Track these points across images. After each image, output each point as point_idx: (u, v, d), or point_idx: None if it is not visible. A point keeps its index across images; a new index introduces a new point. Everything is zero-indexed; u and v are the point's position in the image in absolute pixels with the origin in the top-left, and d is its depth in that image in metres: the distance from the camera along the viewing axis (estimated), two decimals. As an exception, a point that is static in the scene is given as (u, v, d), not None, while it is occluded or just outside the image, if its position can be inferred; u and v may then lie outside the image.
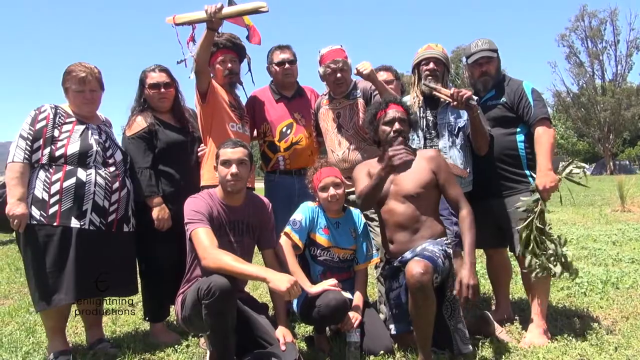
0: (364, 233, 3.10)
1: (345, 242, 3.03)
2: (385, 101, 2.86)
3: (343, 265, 3.05)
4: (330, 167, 3.03)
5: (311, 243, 3.00)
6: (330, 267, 3.01)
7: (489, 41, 3.27)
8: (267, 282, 2.41)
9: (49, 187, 2.73)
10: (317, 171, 3.00)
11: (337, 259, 3.01)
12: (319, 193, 2.99)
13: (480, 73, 3.24)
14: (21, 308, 4.03)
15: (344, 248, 3.02)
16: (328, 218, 3.03)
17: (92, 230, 2.78)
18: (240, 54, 3.49)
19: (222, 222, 2.72)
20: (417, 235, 2.75)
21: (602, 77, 46.30)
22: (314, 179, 3.01)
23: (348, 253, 3.04)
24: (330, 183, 2.94)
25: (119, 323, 3.62)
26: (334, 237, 3.01)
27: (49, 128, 2.79)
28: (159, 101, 3.21)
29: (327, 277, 2.91)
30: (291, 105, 3.59)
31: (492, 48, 3.24)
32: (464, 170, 3.15)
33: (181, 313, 2.62)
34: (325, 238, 3.00)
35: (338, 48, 3.30)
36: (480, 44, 3.26)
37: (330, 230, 3.01)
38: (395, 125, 2.76)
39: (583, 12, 45.14)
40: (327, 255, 3.00)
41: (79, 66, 2.89)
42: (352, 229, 3.07)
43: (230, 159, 2.70)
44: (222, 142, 2.83)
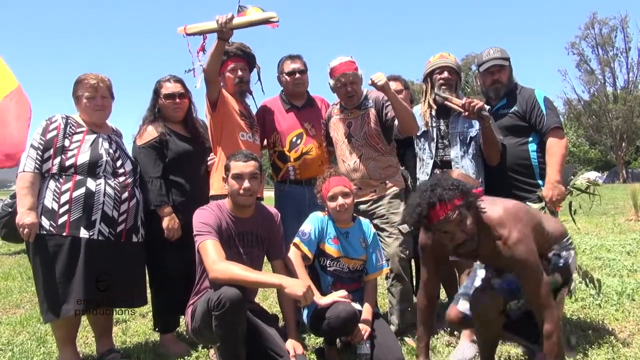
0: (373, 243, 3.06)
1: (355, 252, 3.00)
2: None
3: (353, 276, 3.01)
4: (339, 177, 3.00)
5: (320, 253, 2.98)
6: (340, 277, 2.98)
7: (501, 50, 3.26)
8: (282, 288, 2.43)
9: (58, 197, 2.74)
10: (326, 181, 2.97)
11: (347, 269, 2.98)
12: (327, 202, 2.96)
13: (491, 81, 3.23)
14: (32, 317, 4.03)
15: (354, 258, 2.99)
16: (337, 228, 3.00)
17: (101, 241, 2.77)
18: (250, 63, 3.49)
19: (231, 233, 2.71)
20: None
21: (614, 85, 45.90)
22: (322, 189, 2.98)
23: (358, 263, 3.01)
24: (339, 192, 2.91)
25: (129, 333, 3.61)
26: (343, 247, 2.98)
27: (59, 138, 2.81)
28: (174, 111, 3.23)
29: (337, 288, 2.87)
30: (301, 115, 3.58)
31: (504, 56, 3.23)
32: (475, 180, 3.12)
33: (191, 324, 2.61)
34: (334, 248, 2.97)
35: (348, 60, 3.28)
36: (492, 52, 3.25)
37: (339, 240, 2.98)
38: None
39: (593, 19, 44.86)
40: (337, 265, 2.97)
41: (90, 75, 2.92)
42: (361, 239, 3.04)
43: (242, 173, 2.69)
44: (233, 154, 2.81)
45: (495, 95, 3.22)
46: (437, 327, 3.30)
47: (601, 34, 44.77)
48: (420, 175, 3.31)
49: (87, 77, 2.91)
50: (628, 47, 44.41)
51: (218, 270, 2.44)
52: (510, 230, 2.21)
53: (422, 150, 3.30)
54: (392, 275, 3.22)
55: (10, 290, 5.23)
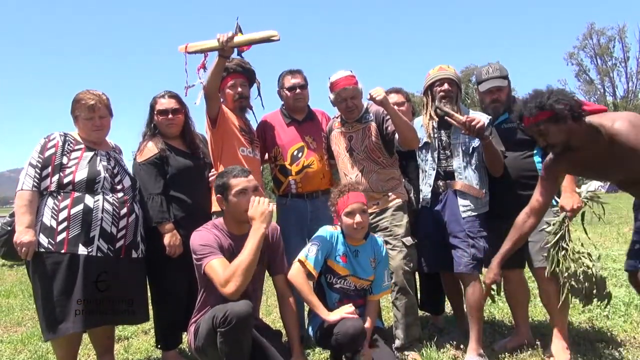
0: (384, 262, 2.98)
1: (364, 272, 2.91)
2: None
3: (359, 293, 2.95)
4: (358, 192, 2.89)
5: (327, 270, 2.90)
6: (347, 294, 2.92)
7: (500, 67, 3.29)
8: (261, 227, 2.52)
9: (57, 214, 2.72)
10: (344, 195, 2.85)
11: (354, 287, 2.92)
12: (343, 218, 2.84)
13: (491, 100, 3.25)
14: (34, 336, 4.00)
15: (362, 278, 2.91)
16: (348, 245, 2.91)
17: (99, 257, 2.75)
18: (250, 78, 3.50)
19: (232, 252, 2.66)
20: None
21: (614, 94, 46.05)
22: (339, 203, 2.86)
23: (365, 284, 2.94)
24: (357, 209, 2.80)
25: (131, 351, 3.58)
26: (352, 266, 2.90)
27: (57, 155, 2.80)
28: (167, 127, 3.22)
29: (344, 304, 2.80)
30: (302, 129, 3.58)
31: (503, 75, 3.25)
32: (480, 190, 3.10)
33: (194, 342, 2.57)
34: (342, 266, 2.89)
35: (348, 74, 3.27)
36: (491, 71, 3.28)
37: (348, 258, 2.90)
38: None
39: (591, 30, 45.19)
40: (344, 283, 2.91)
41: (88, 94, 2.90)
42: (371, 259, 2.95)
43: (247, 188, 2.65)
44: (226, 172, 2.73)
45: (494, 114, 3.23)
46: (443, 341, 3.26)
47: (599, 44, 45.05)
48: (423, 186, 3.29)
49: (85, 96, 2.89)
50: (627, 57, 44.67)
51: (231, 282, 2.42)
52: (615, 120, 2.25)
53: (425, 162, 3.28)
54: (396, 289, 3.18)
55: (12, 308, 5.20)
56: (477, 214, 3.10)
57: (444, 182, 3.18)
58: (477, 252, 3.02)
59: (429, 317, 3.86)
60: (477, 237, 3.05)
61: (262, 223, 2.52)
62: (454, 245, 3.09)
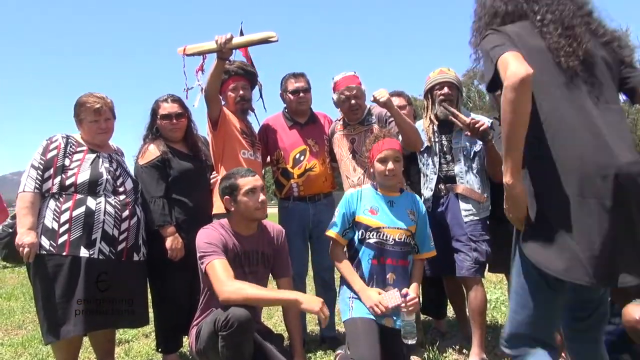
0: (425, 219, 2.89)
1: (401, 222, 2.79)
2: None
3: (398, 250, 2.78)
4: (393, 139, 2.82)
5: (359, 226, 2.80)
6: (383, 250, 2.76)
7: None
8: (299, 304, 2.43)
9: (58, 216, 2.72)
10: (379, 140, 2.78)
11: (392, 240, 2.77)
12: (376, 164, 2.77)
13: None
14: (34, 339, 3.99)
15: (399, 228, 2.77)
16: (382, 196, 2.83)
17: (101, 260, 2.74)
18: (251, 81, 3.49)
19: (236, 252, 2.67)
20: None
21: (616, 98, 46.02)
22: (373, 148, 2.79)
23: (404, 234, 2.78)
24: (391, 156, 2.73)
25: (132, 354, 3.56)
26: (386, 216, 2.78)
27: (59, 157, 2.80)
28: (171, 132, 3.21)
29: (380, 263, 2.73)
30: (304, 132, 3.57)
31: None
32: (481, 195, 3.09)
33: (195, 345, 2.56)
34: (372, 218, 2.78)
35: (352, 75, 3.29)
36: None
37: (380, 211, 2.80)
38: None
39: (594, 33, 45.16)
40: (379, 237, 2.76)
41: (92, 97, 2.90)
42: (409, 211, 2.84)
43: (255, 187, 2.66)
44: (232, 173, 2.75)
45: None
46: (445, 346, 3.25)
47: (602, 47, 44.99)
48: (425, 190, 3.28)
49: (89, 100, 2.89)
50: (630, 60, 44.59)
51: (230, 292, 2.41)
52: None
53: (426, 166, 3.27)
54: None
55: (13, 311, 5.19)
56: (479, 218, 3.09)
57: (445, 186, 3.16)
58: (480, 256, 3.00)
59: (432, 321, 3.84)
60: (480, 240, 3.04)
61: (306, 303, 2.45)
62: (457, 249, 3.07)
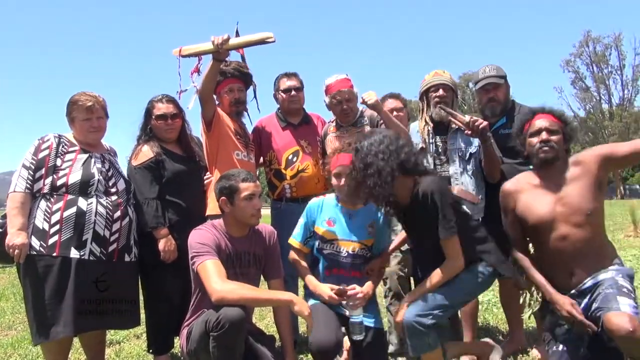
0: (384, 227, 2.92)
1: (355, 235, 2.83)
2: (532, 111, 2.65)
3: (353, 261, 2.83)
4: (348, 154, 2.80)
5: (315, 236, 2.89)
6: (337, 262, 2.83)
7: (497, 67, 3.27)
8: (293, 305, 2.47)
9: (49, 216, 2.69)
10: (335, 155, 2.84)
11: (345, 252, 2.82)
12: (332, 178, 2.83)
13: (487, 99, 3.24)
14: (24, 339, 3.96)
15: (353, 241, 2.82)
16: (341, 208, 2.88)
17: (92, 261, 2.72)
18: (247, 82, 3.49)
19: (228, 254, 2.66)
20: (599, 259, 2.39)
21: (609, 102, 46.38)
22: (331, 162, 2.85)
23: (358, 247, 2.82)
24: (344, 172, 2.75)
25: (123, 355, 3.55)
26: (342, 229, 2.83)
27: (51, 157, 2.77)
28: (166, 132, 3.18)
29: (332, 273, 2.81)
30: (297, 133, 3.57)
31: (500, 74, 3.23)
32: (475, 196, 3.09)
33: (187, 346, 2.55)
34: (327, 230, 2.84)
35: (343, 78, 3.29)
36: (487, 70, 3.26)
37: (337, 222, 2.85)
38: (542, 136, 2.52)
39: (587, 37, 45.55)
40: (332, 248, 2.84)
41: (84, 95, 2.87)
42: (369, 224, 2.86)
43: (255, 193, 2.64)
44: (231, 175, 2.70)
45: (492, 113, 3.22)
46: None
47: (595, 51, 45.42)
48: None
49: (81, 97, 2.86)
50: (622, 65, 45.10)
51: (223, 292, 2.39)
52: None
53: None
54: (390, 294, 3.16)
55: (3, 312, 5.16)
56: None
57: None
58: (472, 258, 3.00)
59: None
60: (473, 242, 3.04)
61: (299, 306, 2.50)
62: (449, 251, 3.07)
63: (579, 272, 2.40)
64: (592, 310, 2.29)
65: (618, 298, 2.20)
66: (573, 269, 2.41)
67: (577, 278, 2.40)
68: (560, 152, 2.52)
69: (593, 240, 2.41)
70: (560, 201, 2.46)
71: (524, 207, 2.58)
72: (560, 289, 2.45)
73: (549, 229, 2.47)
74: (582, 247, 2.39)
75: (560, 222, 2.44)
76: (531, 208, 2.54)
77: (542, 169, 2.57)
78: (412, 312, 2.36)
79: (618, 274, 2.33)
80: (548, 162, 2.52)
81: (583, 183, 2.43)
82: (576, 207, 2.41)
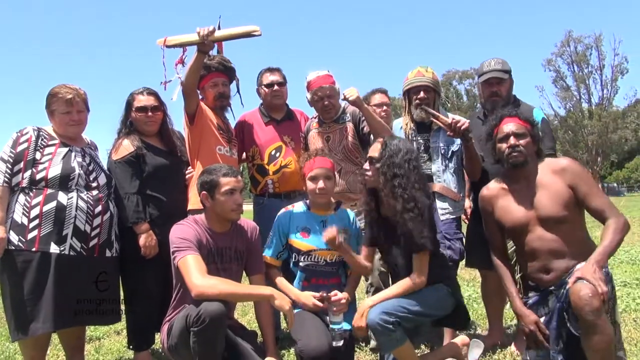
0: (356, 236, 2.94)
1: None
2: (499, 116, 2.69)
3: (331, 269, 2.87)
4: (324, 158, 2.88)
5: (292, 249, 2.88)
6: (315, 272, 2.85)
7: (503, 61, 3.25)
8: (273, 299, 2.44)
9: (28, 211, 2.65)
10: (311, 159, 2.86)
11: (324, 262, 2.84)
12: (307, 182, 2.84)
13: (490, 93, 3.21)
14: (1, 336, 3.90)
15: (330, 249, 2.79)
16: (314, 215, 2.88)
17: (72, 256, 2.69)
18: (230, 77, 3.47)
19: (210, 249, 2.65)
20: (577, 258, 2.43)
21: (589, 101, 47.13)
22: (305, 166, 2.86)
23: (336, 254, 2.84)
24: (322, 174, 2.79)
25: (102, 351, 3.51)
26: (317, 238, 2.82)
27: (30, 150, 2.73)
28: (146, 125, 3.15)
29: (311, 284, 2.82)
30: (280, 128, 3.56)
31: (505, 69, 3.21)
32: (457, 194, 3.13)
33: (167, 341, 2.54)
34: (303, 242, 2.85)
35: (325, 74, 3.30)
36: (492, 64, 3.23)
37: (311, 232, 2.85)
38: (511, 141, 2.57)
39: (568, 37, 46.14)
40: (310, 259, 2.84)
41: (64, 88, 2.83)
42: (344, 229, 2.84)
43: (235, 188, 2.63)
44: (213, 169, 2.68)
45: (492, 108, 3.14)
46: (418, 342, 3.28)
47: (576, 51, 46.05)
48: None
49: (62, 90, 2.82)
50: (602, 65, 45.73)
51: (204, 287, 2.37)
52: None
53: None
54: (372, 290, 3.18)
55: (-20, 308, 5.05)
56: (455, 216, 3.13)
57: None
58: (453, 254, 3.04)
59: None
60: (454, 239, 3.08)
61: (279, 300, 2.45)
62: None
63: (557, 269, 2.46)
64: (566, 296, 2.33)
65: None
66: (550, 268, 2.48)
67: (555, 275, 2.46)
68: (529, 155, 2.57)
69: (570, 240, 2.46)
70: (534, 204, 2.53)
71: (500, 211, 2.65)
72: (541, 285, 2.51)
73: (525, 231, 2.55)
74: (558, 247, 2.46)
75: (534, 225, 2.52)
76: (507, 212, 2.62)
77: (513, 173, 2.63)
78: (375, 313, 2.39)
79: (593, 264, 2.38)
80: (518, 167, 2.58)
81: (555, 189, 2.50)
82: (549, 209, 2.48)
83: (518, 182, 2.62)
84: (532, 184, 2.57)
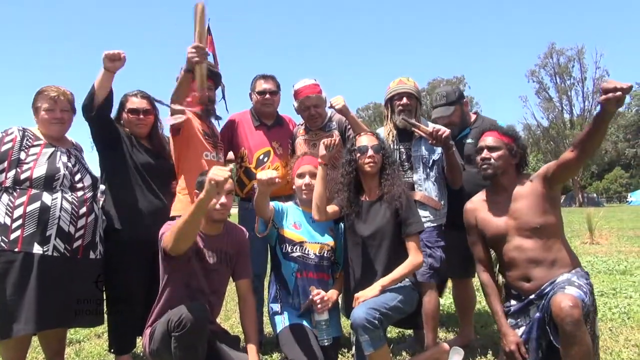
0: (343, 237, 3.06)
1: (321, 237, 3.01)
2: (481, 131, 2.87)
3: (320, 263, 2.99)
4: (312, 157, 3.01)
5: (282, 240, 2.98)
6: (306, 264, 2.96)
7: (447, 93, 3.44)
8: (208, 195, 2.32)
9: (11, 211, 2.63)
10: (300, 158, 3.03)
11: (313, 255, 2.97)
12: (295, 180, 3.02)
13: (443, 124, 3.31)
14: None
15: (319, 242, 2.98)
16: (303, 212, 3.03)
17: (55, 257, 2.66)
18: (216, 82, 3.48)
19: (200, 249, 2.68)
20: (556, 266, 2.52)
21: (571, 112, 48.00)
22: (294, 165, 3.02)
23: (324, 248, 2.98)
24: (307, 171, 2.95)
25: (83, 355, 3.48)
26: (307, 232, 2.97)
27: (14, 150, 2.71)
28: (137, 127, 3.16)
29: (303, 275, 2.91)
30: (270, 134, 3.59)
31: (449, 101, 3.39)
32: (438, 202, 3.18)
33: (149, 346, 2.54)
34: (295, 233, 2.97)
35: (312, 83, 3.35)
36: (438, 99, 3.47)
37: (302, 226, 2.99)
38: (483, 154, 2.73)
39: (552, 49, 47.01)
40: (301, 251, 2.96)
41: (51, 87, 2.83)
42: (330, 228, 3.06)
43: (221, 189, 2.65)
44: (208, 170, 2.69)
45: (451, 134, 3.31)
46: (400, 349, 3.31)
47: (559, 63, 46.89)
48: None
49: (47, 88, 2.82)
50: (584, 77, 46.68)
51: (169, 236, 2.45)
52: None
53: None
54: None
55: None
56: (436, 224, 3.18)
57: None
58: (434, 262, 3.08)
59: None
60: (435, 247, 3.12)
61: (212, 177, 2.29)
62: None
63: (536, 278, 2.53)
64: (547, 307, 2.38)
65: (566, 287, 2.33)
66: (530, 276, 2.56)
67: (535, 283, 2.53)
68: (500, 167, 2.69)
69: (547, 249, 2.54)
70: (512, 215, 2.64)
71: (482, 222, 2.76)
72: (522, 294, 2.59)
73: (504, 241, 2.65)
74: (536, 255, 2.55)
75: (512, 235, 2.63)
76: (487, 223, 2.73)
77: (492, 185, 2.78)
78: (362, 309, 2.48)
79: (574, 275, 2.46)
80: (487, 178, 2.74)
81: (532, 198, 2.60)
82: (525, 220, 2.59)
83: (498, 194, 2.74)
84: (511, 196, 2.67)
